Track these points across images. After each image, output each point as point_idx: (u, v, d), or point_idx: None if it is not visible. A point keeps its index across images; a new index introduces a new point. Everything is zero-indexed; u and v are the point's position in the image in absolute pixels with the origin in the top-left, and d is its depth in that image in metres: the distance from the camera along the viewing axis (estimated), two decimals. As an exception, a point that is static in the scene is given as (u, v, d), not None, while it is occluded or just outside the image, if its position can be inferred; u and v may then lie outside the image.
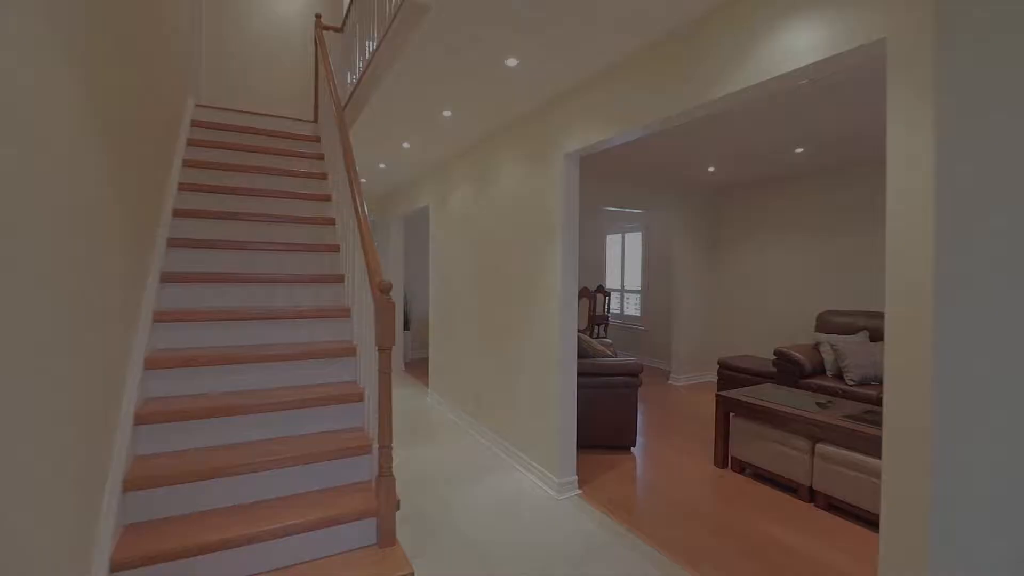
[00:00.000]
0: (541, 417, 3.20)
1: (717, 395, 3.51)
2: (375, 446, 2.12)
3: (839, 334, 4.71)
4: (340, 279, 2.96)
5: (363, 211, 2.41)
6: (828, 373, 4.40)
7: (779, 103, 3.22)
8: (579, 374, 3.68)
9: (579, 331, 7.05)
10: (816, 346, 4.68)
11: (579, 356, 3.86)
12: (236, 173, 3.43)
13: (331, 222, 3.31)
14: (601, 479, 3.27)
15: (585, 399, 3.70)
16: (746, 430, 3.34)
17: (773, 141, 4.13)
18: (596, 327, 7.27)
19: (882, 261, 4.72)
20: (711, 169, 5.21)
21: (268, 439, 2.20)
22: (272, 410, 2.20)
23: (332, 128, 3.44)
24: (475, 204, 4.20)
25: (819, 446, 2.93)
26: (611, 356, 3.90)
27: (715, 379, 6.32)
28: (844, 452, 2.80)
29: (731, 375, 5.34)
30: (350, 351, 2.55)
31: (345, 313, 2.77)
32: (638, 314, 7.59)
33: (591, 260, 8.58)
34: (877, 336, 4.45)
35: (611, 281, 8.20)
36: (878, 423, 2.84)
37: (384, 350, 1.97)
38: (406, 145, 4.31)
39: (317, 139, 4.18)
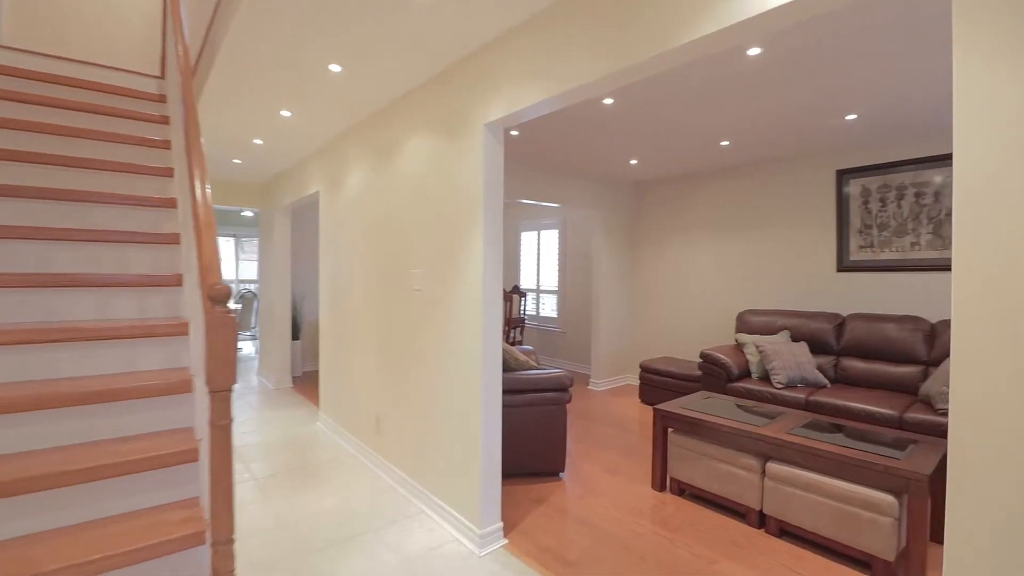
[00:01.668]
0: (459, 448, 2.60)
1: (655, 409, 3.14)
2: (209, 535, 1.40)
3: (760, 334, 4.62)
4: (177, 281, 2.14)
5: (203, 187, 1.66)
6: (754, 376, 4.25)
7: (710, 87, 2.90)
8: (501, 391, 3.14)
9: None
10: (740, 347, 4.54)
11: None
12: (32, 135, 2.45)
13: (172, 203, 2.46)
14: (529, 519, 2.74)
15: (508, 420, 3.15)
16: (687, 448, 2.99)
17: (700, 131, 3.87)
18: (512, 331, 6.79)
19: (799, 258, 4.74)
20: (633, 162, 4.92)
21: (39, 532, 1.40)
22: (46, 487, 1.39)
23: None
24: (375, 188, 3.48)
25: (770, 465, 2.63)
26: (536, 367, 3.39)
27: (636, 382, 6.11)
28: (798, 472, 2.51)
29: (654, 379, 5.10)
30: (185, 385, 1.77)
31: (182, 329, 1.97)
32: (555, 315, 7.23)
33: (505, 258, 8.11)
34: (798, 336, 4.39)
35: (526, 281, 7.78)
36: (834, 429, 2.58)
37: (218, 392, 1.26)
38: (286, 114, 3.48)
39: (162, 98, 3.23)
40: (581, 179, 5.59)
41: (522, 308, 7.15)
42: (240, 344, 8.78)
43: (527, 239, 7.72)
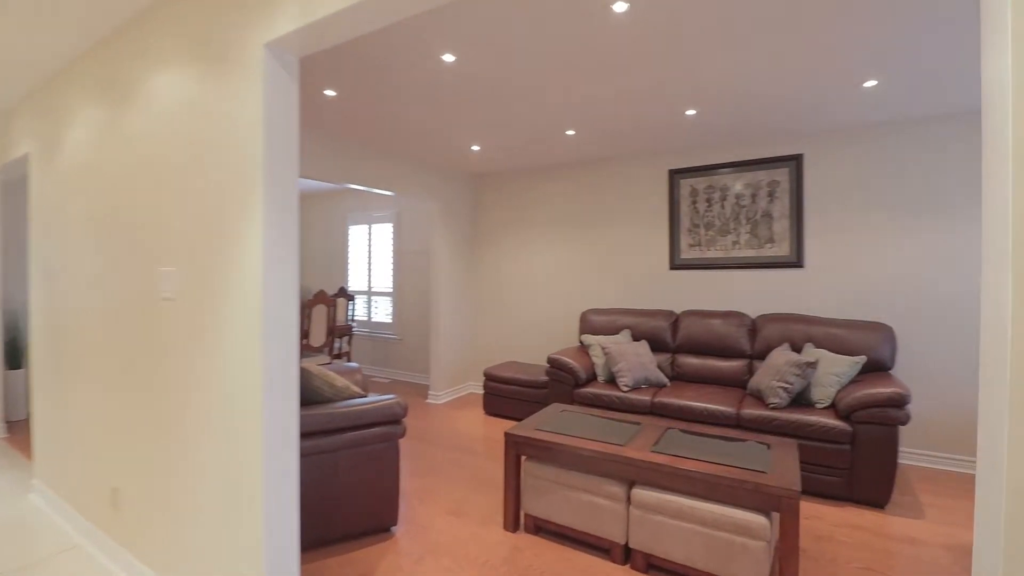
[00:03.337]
0: (233, 527, 1.75)
1: (506, 435, 2.64)
2: None
3: (603, 334, 4.48)
4: None
5: None
6: (600, 379, 4.06)
7: (565, 53, 2.52)
8: (307, 434, 2.33)
9: (315, 349, 5.49)
10: (585, 349, 4.35)
11: (307, 403, 2.50)
12: None
13: None
14: (348, 607, 2.01)
15: (319, 471, 2.36)
16: (542, 477, 2.55)
17: (546, 114, 3.51)
18: (339, 340, 5.83)
19: (637, 256, 4.72)
20: (475, 148, 4.42)
21: None
22: None
23: None
24: (109, 149, 2.37)
25: (635, 491, 2.30)
26: (360, 394, 2.65)
27: (480, 391, 5.65)
28: (666, 496, 2.22)
29: (499, 387, 4.69)
30: None
31: None
32: (389, 320, 6.44)
33: (331, 256, 7.04)
34: (638, 335, 4.33)
35: (356, 282, 6.84)
36: (690, 439, 2.34)
37: None
38: (-67, 19, 2.18)
39: None
40: (418, 165, 4.92)
41: (350, 314, 6.21)
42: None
43: (356, 234, 6.78)
